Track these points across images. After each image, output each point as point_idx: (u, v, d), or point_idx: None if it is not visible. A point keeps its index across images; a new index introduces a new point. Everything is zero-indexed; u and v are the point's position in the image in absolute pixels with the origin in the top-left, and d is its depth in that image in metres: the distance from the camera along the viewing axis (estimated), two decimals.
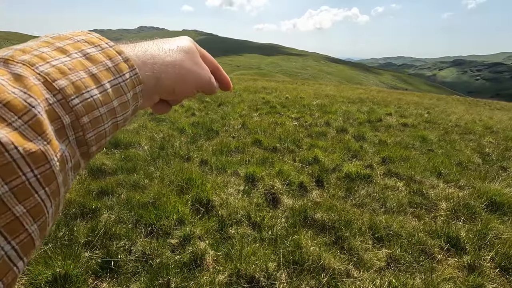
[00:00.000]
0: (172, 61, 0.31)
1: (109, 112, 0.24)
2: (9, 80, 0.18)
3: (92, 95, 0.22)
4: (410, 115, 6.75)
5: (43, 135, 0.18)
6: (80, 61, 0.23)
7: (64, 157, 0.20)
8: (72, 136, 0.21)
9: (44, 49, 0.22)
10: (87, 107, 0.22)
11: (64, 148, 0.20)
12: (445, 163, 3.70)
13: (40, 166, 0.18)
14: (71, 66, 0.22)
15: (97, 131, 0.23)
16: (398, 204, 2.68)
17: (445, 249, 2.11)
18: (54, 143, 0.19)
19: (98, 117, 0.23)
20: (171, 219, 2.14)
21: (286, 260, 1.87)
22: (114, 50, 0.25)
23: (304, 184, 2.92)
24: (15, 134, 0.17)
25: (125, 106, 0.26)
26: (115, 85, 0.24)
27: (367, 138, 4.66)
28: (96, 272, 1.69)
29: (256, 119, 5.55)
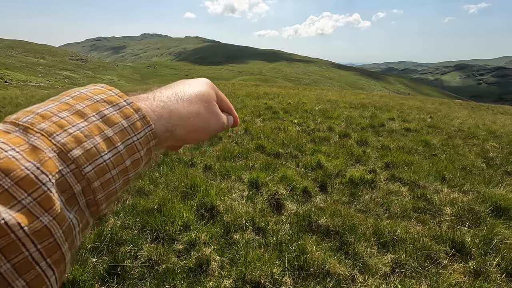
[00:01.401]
0: (188, 114, 0.31)
1: (121, 172, 0.25)
2: (24, 152, 0.19)
3: (105, 159, 0.23)
4: (413, 120, 6.75)
5: (50, 211, 0.19)
6: (96, 125, 0.24)
7: (71, 225, 0.21)
8: (82, 201, 0.23)
9: (63, 113, 0.23)
10: (99, 172, 0.23)
11: (72, 217, 0.21)
12: (449, 168, 3.70)
13: (44, 240, 0.19)
14: (87, 132, 0.23)
15: (108, 191, 0.24)
16: (402, 209, 2.68)
17: (451, 254, 2.10)
18: (60, 216, 0.20)
19: (109, 179, 0.24)
20: (176, 224, 2.15)
21: (291, 265, 1.88)
22: (131, 108, 0.26)
23: (307, 190, 2.93)
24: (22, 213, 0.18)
25: (137, 163, 0.27)
26: (129, 145, 0.25)
27: (370, 143, 4.67)
28: (103, 277, 1.70)
29: (259, 125, 5.58)
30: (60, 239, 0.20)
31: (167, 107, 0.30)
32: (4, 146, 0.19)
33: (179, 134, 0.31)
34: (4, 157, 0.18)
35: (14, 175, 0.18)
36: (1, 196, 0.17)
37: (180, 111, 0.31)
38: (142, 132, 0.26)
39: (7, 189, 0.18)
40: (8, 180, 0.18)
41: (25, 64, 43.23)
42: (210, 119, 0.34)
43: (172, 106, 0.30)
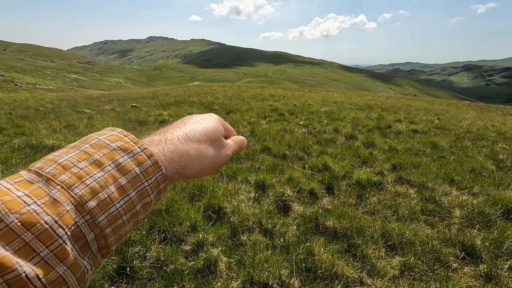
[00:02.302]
0: (197, 155, 0.33)
1: (132, 216, 0.27)
2: (45, 205, 0.22)
3: (117, 207, 0.25)
4: (420, 121, 6.68)
5: (65, 261, 0.21)
6: (112, 174, 0.26)
7: (84, 271, 0.23)
8: (94, 246, 0.24)
9: (82, 163, 0.25)
10: (111, 220, 0.25)
11: (86, 263, 0.23)
12: (458, 169, 3.65)
13: None
14: (102, 182, 0.25)
15: (118, 234, 0.26)
16: (411, 211, 2.66)
17: (461, 257, 2.07)
18: (75, 265, 0.22)
19: (120, 224, 0.26)
20: (184, 225, 2.17)
21: (298, 267, 1.87)
22: (145, 154, 0.28)
23: (314, 191, 2.92)
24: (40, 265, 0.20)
25: (147, 206, 0.29)
26: (140, 190, 0.27)
27: (376, 145, 4.64)
28: (112, 277, 1.72)
29: (264, 127, 5.59)
30: (73, 285, 0.22)
31: (178, 150, 0.31)
32: (27, 199, 0.21)
33: (188, 173, 0.33)
34: (27, 212, 0.20)
35: (35, 229, 0.20)
36: (23, 250, 0.20)
37: (190, 153, 0.32)
38: (153, 177, 0.28)
39: (28, 242, 0.20)
40: (30, 234, 0.20)
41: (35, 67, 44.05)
42: (218, 155, 0.35)
43: (182, 148, 0.32)
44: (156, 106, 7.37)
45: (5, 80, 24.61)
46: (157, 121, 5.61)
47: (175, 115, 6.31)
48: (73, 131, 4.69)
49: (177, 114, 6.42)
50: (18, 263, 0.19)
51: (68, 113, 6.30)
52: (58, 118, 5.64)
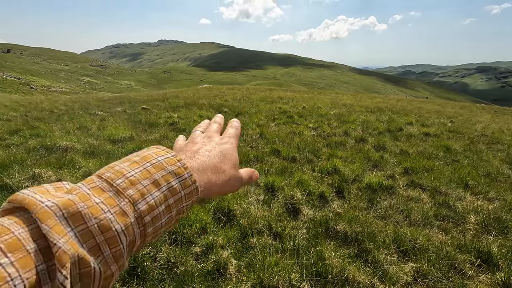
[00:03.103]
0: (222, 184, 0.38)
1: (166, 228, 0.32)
2: (116, 215, 0.26)
3: (161, 222, 0.30)
4: (432, 124, 6.55)
5: (118, 263, 0.26)
6: (165, 194, 0.30)
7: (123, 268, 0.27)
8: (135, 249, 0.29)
9: (145, 182, 0.29)
10: (154, 231, 0.30)
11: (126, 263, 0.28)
12: (472, 174, 3.56)
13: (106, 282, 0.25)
14: (158, 201, 0.29)
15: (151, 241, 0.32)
16: (423, 216, 2.60)
17: (476, 264, 2.01)
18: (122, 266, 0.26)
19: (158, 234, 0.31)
20: (194, 227, 2.18)
21: (309, 271, 1.85)
22: (190, 180, 0.33)
23: (324, 195, 2.89)
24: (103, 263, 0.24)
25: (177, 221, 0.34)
26: (178, 209, 0.32)
27: (387, 148, 4.57)
28: (123, 278, 1.74)
29: (273, 129, 5.58)
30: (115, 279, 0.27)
31: (209, 181, 0.36)
32: (103, 207, 0.25)
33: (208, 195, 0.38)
34: (104, 218, 0.25)
35: (107, 234, 0.25)
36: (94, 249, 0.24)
37: (218, 184, 0.38)
38: (190, 200, 0.33)
39: (98, 243, 0.24)
40: (102, 237, 0.24)
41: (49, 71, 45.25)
42: (235, 184, 0.41)
43: (213, 179, 0.37)
44: (166, 108, 7.46)
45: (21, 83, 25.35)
46: (167, 123, 5.68)
47: (185, 117, 6.37)
48: (85, 132, 4.79)
49: (186, 116, 6.48)
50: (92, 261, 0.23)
51: (81, 115, 6.44)
52: (72, 120, 5.77)
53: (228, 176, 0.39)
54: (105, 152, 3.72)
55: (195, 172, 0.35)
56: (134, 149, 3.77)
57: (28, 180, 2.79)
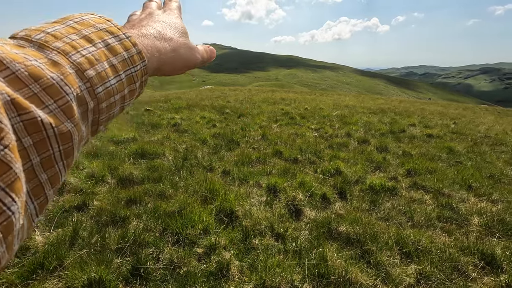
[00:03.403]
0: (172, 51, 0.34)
1: (120, 98, 0.28)
2: (47, 65, 0.21)
3: (111, 84, 0.26)
4: (435, 125, 6.53)
5: (72, 119, 0.21)
6: (103, 51, 0.26)
7: (82, 136, 0.24)
8: (90, 118, 0.25)
9: (73, 36, 0.24)
10: (106, 95, 0.25)
11: (84, 129, 0.24)
12: (475, 176, 3.54)
13: (65, 144, 0.21)
14: (97, 56, 0.25)
15: (109, 114, 0.27)
16: (426, 218, 2.59)
17: (480, 266, 2.00)
18: (78, 126, 0.22)
19: (112, 103, 0.26)
20: (196, 228, 2.19)
21: (311, 272, 1.85)
22: (130, 41, 0.28)
23: (326, 196, 2.89)
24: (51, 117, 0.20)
25: (132, 93, 0.30)
26: (128, 75, 0.28)
27: (390, 150, 4.56)
28: (126, 278, 1.75)
29: (276, 130, 5.59)
30: (75, 145, 0.22)
31: (156, 47, 0.32)
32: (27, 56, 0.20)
33: (164, 70, 0.34)
34: (31, 64, 0.20)
35: (42, 82, 0.20)
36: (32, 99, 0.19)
37: (167, 50, 0.33)
38: (138, 66, 0.29)
39: (36, 93, 0.19)
40: (37, 85, 0.19)
41: None
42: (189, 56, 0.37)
43: (160, 45, 0.33)
44: (168, 109, 7.49)
45: None
46: (170, 124, 5.70)
47: (187, 118, 6.39)
48: None
49: (189, 117, 6.50)
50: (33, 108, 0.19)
51: None
52: None
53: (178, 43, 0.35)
54: (108, 153, 3.74)
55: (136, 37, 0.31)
56: (137, 150, 3.80)
57: None
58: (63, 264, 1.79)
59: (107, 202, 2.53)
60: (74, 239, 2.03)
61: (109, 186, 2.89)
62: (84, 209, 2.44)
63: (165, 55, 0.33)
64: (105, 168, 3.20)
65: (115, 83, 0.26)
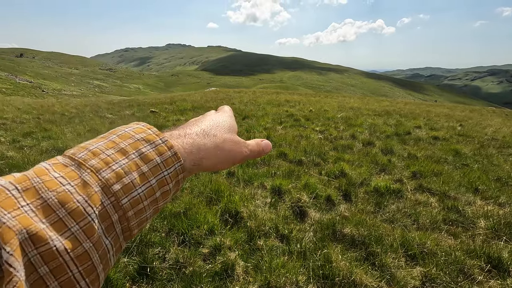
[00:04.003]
0: (214, 148, 0.34)
1: (152, 202, 0.28)
2: (77, 187, 0.24)
3: (139, 192, 0.27)
4: (441, 128, 6.48)
5: (91, 238, 0.23)
6: (135, 161, 0.27)
7: (105, 250, 0.25)
8: (118, 228, 0.26)
9: (110, 151, 0.27)
10: (133, 203, 0.27)
11: (107, 242, 0.25)
12: (482, 178, 3.51)
13: (84, 263, 0.23)
14: (127, 169, 0.27)
15: (140, 219, 0.28)
16: (432, 220, 2.58)
17: (486, 270, 1.99)
18: (98, 243, 0.24)
19: (141, 208, 0.28)
20: (202, 229, 2.21)
21: (315, 274, 1.86)
22: (165, 146, 0.30)
23: (331, 198, 2.89)
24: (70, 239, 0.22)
25: (166, 194, 0.30)
26: (160, 179, 0.29)
27: (395, 152, 4.54)
28: (133, 277, 1.78)
29: (280, 132, 5.60)
30: (96, 262, 0.24)
31: (196, 144, 0.33)
32: (62, 180, 0.23)
33: (205, 165, 0.34)
34: (62, 191, 0.23)
35: (68, 206, 0.22)
36: (56, 224, 0.22)
37: (207, 146, 0.34)
38: (173, 167, 0.30)
39: (61, 218, 0.22)
40: (63, 210, 0.22)
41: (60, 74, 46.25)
42: (234, 149, 0.36)
43: (200, 142, 0.33)
44: (174, 111, 7.55)
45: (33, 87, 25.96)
46: (175, 126, 5.75)
47: None
48: (96, 135, 4.85)
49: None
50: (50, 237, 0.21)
51: (91, 118, 6.58)
52: (82, 122, 5.90)
53: (222, 139, 0.35)
54: None
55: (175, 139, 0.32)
56: None
57: None
58: None
59: None
60: None
61: None
62: None
63: (204, 151, 0.33)
64: None
65: (144, 190, 0.27)
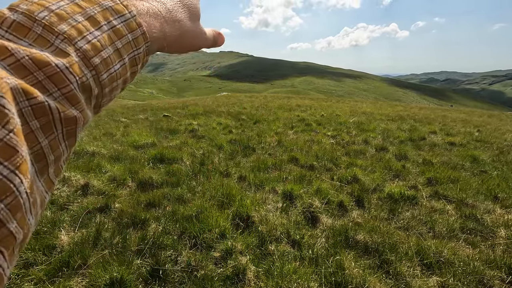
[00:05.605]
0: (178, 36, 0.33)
1: (123, 81, 0.28)
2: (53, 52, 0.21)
3: (115, 69, 0.26)
4: (458, 133, 6.30)
5: (77, 105, 0.22)
6: (108, 35, 0.25)
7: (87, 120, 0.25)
8: (93, 102, 0.25)
9: (78, 17, 0.24)
10: (110, 80, 0.26)
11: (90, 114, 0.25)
12: (502, 186, 3.38)
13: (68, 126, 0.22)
14: (102, 42, 0.24)
15: (110, 97, 0.28)
16: (449, 229, 2.50)
17: (507, 281, 1.91)
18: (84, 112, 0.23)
19: (115, 86, 0.27)
20: (213, 232, 2.22)
21: (328, 280, 1.83)
22: (135, 22, 0.28)
23: (343, 204, 2.85)
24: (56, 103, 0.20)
25: (134, 75, 0.30)
26: (131, 58, 0.28)
27: (409, 158, 4.44)
28: (146, 279, 1.80)
29: (291, 137, 5.59)
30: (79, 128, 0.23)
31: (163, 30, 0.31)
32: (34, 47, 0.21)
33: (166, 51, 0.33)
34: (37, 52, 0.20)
35: (47, 69, 0.20)
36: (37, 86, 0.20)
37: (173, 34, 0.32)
38: (142, 48, 0.28)
39: (40, 81, 0.20)
40: (42, 73, 0.20)
41: None
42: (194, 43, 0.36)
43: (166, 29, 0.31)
44: (186, 115, 7.66)
45: None
46: (187, 130, 5.83)
47: (204, 124, 6.52)
48: (111, 138, 5.01)
49: (206, 123, 6.63)
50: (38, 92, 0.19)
51: (106, 121, 6.75)
52: (98, 126, 6.06)
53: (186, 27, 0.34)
54: (129, 158, 3.87)
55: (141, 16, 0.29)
56: (156, 155, 3.91)
57: (58, 182, 2.96)
58: (87, 263, 1.87)
59: (128, 204, 2.62)
60: (97, 240, 2.11)
61: (129, 189, 2.99)
62: (106, 211, 2.54)
63: (169, 40, 0.32)
64: (126, 172, 3.32)
65: (119, 68, 0.26)
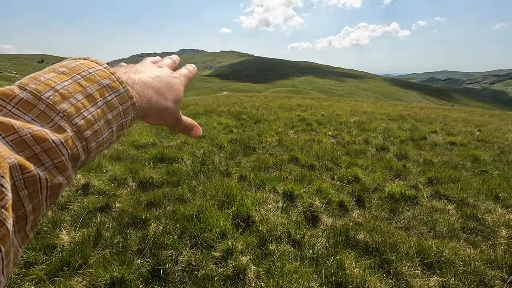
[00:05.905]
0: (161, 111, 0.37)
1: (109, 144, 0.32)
2: (52, 129, 0.25)
3: (103, 137, 0.30)
4: (459, 133, 6.29)
5: (64, 173, 0.26)
6: (102, 109, 0.29)
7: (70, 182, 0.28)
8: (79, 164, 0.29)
9: (79, 96, 0.28)
10: (98, 146, 0.30)
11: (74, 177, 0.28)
12: (503, 185, 3.38)
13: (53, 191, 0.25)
14: (96, 116, 0.29)
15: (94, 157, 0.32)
16: (449, 228, 2.50)
17: (508, 281, 1.90)
18: (69, 178, 0.27)
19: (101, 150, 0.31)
20: (213, 232, 2.22)
21: (328, 280, 1.83)
22: (127, 95, 0.32)
23: (344, 203, 2.85)
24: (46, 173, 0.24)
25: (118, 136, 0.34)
26: (119, 124, 0.32)
27: (410, 157, 4.43)
28: (146, 278, 1.80)
29: (292, 136, 5.58)
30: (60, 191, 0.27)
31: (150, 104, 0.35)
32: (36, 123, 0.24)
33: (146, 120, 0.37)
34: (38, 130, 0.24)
35: (44, 144, 0.24)
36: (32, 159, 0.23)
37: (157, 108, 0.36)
38: (130, 115, 0.33)
39: (37, 153, 0.24)
40: (39, 147, 0.24)
41: None
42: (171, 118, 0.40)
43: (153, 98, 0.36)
44: (186, 115, 7.54)
45: None
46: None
47: (205, 124, 6.52)
48: None
49: (206, 123, 6.62)
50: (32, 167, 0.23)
51: None
52: None
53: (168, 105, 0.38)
54: (130, 157, 3.87)
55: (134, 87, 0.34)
56: (156, 155, 3.91)
57: None
58: (88, 263, 1.87)
59: (129, 204, 2.62)
60: (97, 239, 2.11)
61: (130, 189, 2.99)
62: (107, 210, 2.54)
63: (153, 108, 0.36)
64: (127, 172, 3.32)
65: (107, 135, 0.30)
